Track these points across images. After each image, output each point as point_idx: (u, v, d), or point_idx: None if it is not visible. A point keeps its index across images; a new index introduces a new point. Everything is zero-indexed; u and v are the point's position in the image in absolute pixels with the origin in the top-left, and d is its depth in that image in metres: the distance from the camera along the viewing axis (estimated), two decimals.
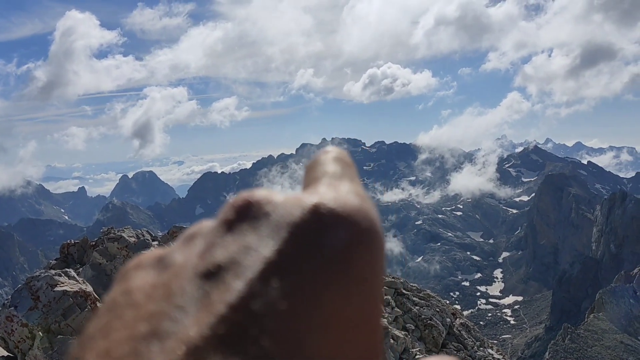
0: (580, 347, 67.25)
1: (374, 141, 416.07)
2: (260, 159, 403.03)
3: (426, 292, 13.12)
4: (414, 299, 11.74)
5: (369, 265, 0.53)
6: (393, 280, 11.99)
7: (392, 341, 8.76)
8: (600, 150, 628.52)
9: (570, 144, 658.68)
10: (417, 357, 9.14)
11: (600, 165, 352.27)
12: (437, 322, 11.32)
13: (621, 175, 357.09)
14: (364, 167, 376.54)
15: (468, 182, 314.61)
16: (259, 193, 0.53)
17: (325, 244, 0.51)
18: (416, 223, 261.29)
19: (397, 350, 8.84)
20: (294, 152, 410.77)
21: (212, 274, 0.52)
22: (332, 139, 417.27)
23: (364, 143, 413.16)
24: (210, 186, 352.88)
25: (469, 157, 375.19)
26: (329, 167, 0.59)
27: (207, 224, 0.52)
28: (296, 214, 0.52)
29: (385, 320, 7.93)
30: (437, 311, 11.95)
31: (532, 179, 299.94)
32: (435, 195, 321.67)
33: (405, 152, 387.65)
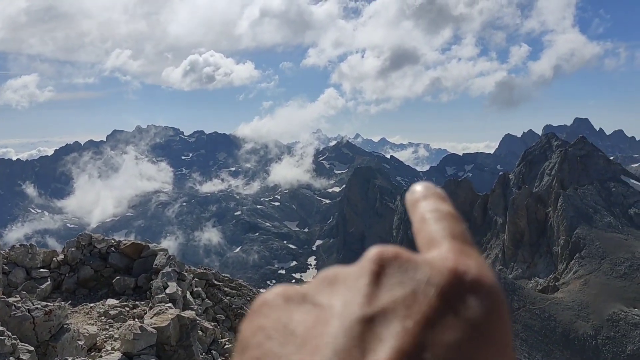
0: None
1: (193, 130, 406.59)
2: (64, 145, 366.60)
3: (238, 282, 13.21)
4: (225, 289, 11.73)
5: (505, 333, 0.59)
6: (204, 271, 11.83)
7: (200, 333, 8.64)
8: (402, 146, 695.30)
9: (376, 139, 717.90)
10: (225, 346, 9.17)
11: (401, 159, 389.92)
12: (248, 311, 11.47)
13: (418, 168, 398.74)
14: (182, 157, 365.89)
15: (287, 173, 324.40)
16: (396, 249, 0.60)
17: (471, 309, 0.57)
18: (235, 214, 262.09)
19: (206, 342, 8.76)
20: (104, 139, 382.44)
21: (373, 321, 0.56)
22: (148, 126, 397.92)
23: (183, 132, 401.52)
24: (3, 174, 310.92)
25: (288, 149, 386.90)
26: (447, 225, 0.66)
27: (346, 271, 0.58)
28: (442, 276, 0.57)
29: (194, 312, 7.81)
30: (248, 300, 12.13)
31: (343, 171, 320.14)
32: (254, 186, 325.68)
33: (225, 143, 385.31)
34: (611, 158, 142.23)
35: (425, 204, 0.69)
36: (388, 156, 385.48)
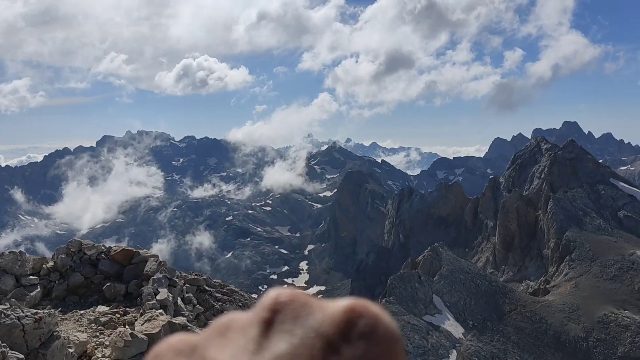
0: None
1: (184, 136, 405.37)
2: (54, 151, 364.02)
3: (229, 287, 13.18)
4: (217, 295, 11.69)
5: None
6: (195, 277, 11.78)
7: None
8: (393, 150, 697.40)
9: (367, 143, 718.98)
10: None
11: (392, 163, 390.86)
12: None
13: (409, 172, 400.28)
14: (173, 162, 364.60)
15: (279, 178, 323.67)
16: (292, 294, 0.60)
17: (359, 354, 0.58)
18: (227, 219, 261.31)
19: None
20: (94, 145, 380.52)
21: None
22: (138, 132, 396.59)
23: (173, 137, 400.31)
24: None
25: (281, 154, 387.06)
26: None
27: (240, 318, 0.56)
28: (332, 323, 0.59)
29: (185, 318, 7.78)
30: (240, 306, 12.08)
31: (335, 176, 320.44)
32: (246, 191, 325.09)
33: (216, 148, 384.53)
34: (600, 161, 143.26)
35: None
36: (379, 160, 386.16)
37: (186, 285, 11.50)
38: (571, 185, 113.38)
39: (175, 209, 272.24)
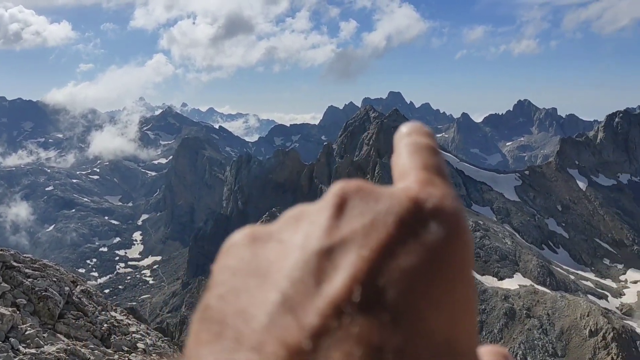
0: None
1: None
2: None
3: (42, 262, 11.92)
4: (27, 271, 10.48)
5: (466, 257, 0.59)
6: (1, 252, 10.41)
7: None
8: (230, 116, 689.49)
9: (204, 109, 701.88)
10: (27, 332, 8.22)
11: (230, 130, 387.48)
12: (54, 292, 10.41)
13: (247, 139, 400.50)
14: None
15: (108, 143, 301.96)
16: (358, 183, 0.60)
17: (430, 235, 0.56)
18: (47, 189, 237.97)
19: (3, 329, 7.75)
20: None
21: (332, 251, 0.57)
22: None
23: None
24: None
25: (110, 118, 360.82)
26: (422, 157, 0.67)
27: (311, 207, 0.57)
28: (401, 205, 0.56)
29: None
30: (55, 281, 10.99)
31: (170, 142, 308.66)
32: (69, 159, 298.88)
33: (32, 111, 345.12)
34: None
35: (405, 140, 0.69)
36: (217, 126, 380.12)
37: None
38: None
39: None
